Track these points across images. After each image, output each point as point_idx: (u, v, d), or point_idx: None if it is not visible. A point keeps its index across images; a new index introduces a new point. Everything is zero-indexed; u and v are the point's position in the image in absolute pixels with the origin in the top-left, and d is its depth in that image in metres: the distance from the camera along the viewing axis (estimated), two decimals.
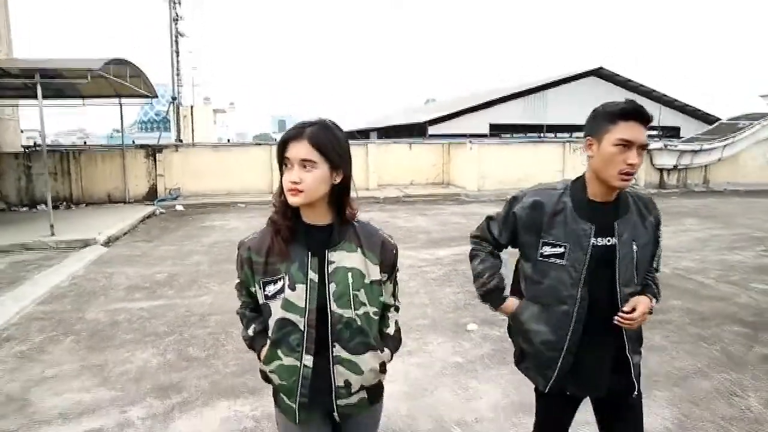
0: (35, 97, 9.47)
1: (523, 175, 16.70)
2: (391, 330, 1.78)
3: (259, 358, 1.70)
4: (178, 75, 24.87)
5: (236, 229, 10.42)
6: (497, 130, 29.09)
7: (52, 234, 9.42)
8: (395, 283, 1.80)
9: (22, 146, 16.13)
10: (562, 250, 1.78)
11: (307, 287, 1.57)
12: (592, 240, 1.76)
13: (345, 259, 1.60)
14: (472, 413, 3.37)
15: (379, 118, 44.97)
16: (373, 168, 16.74)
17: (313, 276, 1.57)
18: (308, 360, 1.59)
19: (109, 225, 10.65)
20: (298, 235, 1.60)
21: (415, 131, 29.33)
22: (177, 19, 25.66)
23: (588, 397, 1.95)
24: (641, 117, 1.69)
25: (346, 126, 44.83)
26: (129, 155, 15.50)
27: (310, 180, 1.51)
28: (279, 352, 1.61)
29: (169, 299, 5.91)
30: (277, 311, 1.60)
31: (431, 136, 25.26)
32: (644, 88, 31.25)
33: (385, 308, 1.76)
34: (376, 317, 1.69)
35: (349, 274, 1.60)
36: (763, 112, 19.20)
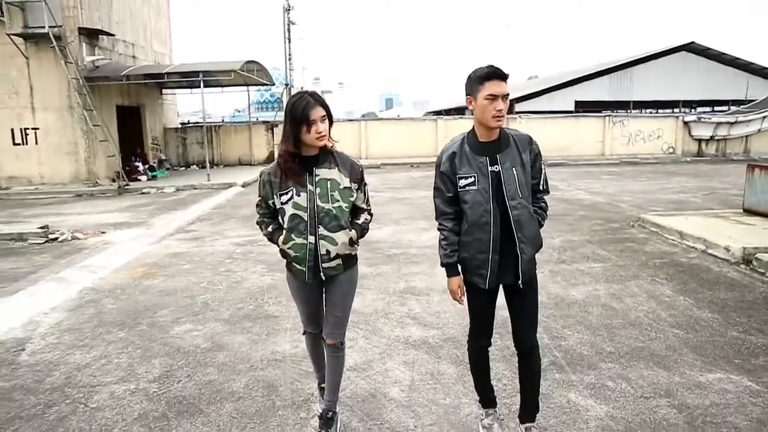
0: (187, 88, 14.21)
1: (567, 143, 19.54)
2: (359, 221, 2.64)
3: (277, 244, 2.59)
4: (290, 59, 27.60)
5: None
6: (582, 107, 29.08)
7: (209, 180, 14.33)
8: (366, 194, 2.67)
9: (181, 123, 21.70)
10: (472, 179, 2.38)
11: (307, 194, 2.45)
12: (490, 168, 2.38)
13: (326, 173, 2.48)
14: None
15: None
16: (441, 137, 20.36)
17: (311, 188, 2.45)
18: (312, 239, 2.48)
19: (243, 176, 15.49)
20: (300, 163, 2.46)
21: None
22: (289, 9, 28.34)
23: (501, 287, 2.54)
24: (499, 75, 2.27)
25: (445, 104, 45.16)
26: (254, 129, 20.47)
27: (328, 127, 2.43)
28: (292, 235, 2.49)
29: None
30: (289, 210, 2.47)
31: (518, 113, 25.25)
32: (741, 61, 30.33)
33: (359, 210, 2.64)
34: (347, 210, 2.54)
35: (328, 183, 2.47)
36: None
